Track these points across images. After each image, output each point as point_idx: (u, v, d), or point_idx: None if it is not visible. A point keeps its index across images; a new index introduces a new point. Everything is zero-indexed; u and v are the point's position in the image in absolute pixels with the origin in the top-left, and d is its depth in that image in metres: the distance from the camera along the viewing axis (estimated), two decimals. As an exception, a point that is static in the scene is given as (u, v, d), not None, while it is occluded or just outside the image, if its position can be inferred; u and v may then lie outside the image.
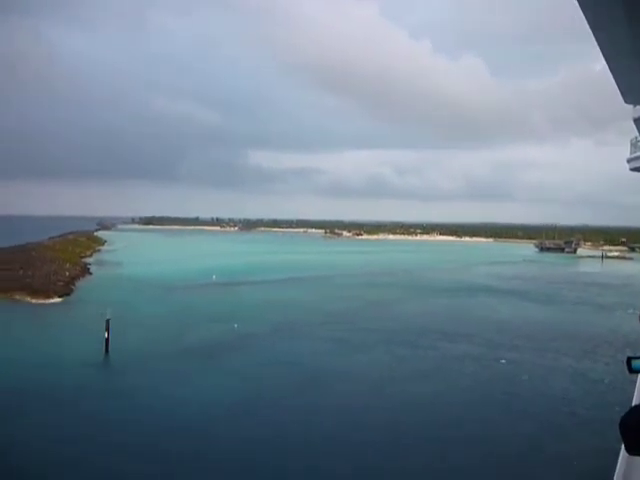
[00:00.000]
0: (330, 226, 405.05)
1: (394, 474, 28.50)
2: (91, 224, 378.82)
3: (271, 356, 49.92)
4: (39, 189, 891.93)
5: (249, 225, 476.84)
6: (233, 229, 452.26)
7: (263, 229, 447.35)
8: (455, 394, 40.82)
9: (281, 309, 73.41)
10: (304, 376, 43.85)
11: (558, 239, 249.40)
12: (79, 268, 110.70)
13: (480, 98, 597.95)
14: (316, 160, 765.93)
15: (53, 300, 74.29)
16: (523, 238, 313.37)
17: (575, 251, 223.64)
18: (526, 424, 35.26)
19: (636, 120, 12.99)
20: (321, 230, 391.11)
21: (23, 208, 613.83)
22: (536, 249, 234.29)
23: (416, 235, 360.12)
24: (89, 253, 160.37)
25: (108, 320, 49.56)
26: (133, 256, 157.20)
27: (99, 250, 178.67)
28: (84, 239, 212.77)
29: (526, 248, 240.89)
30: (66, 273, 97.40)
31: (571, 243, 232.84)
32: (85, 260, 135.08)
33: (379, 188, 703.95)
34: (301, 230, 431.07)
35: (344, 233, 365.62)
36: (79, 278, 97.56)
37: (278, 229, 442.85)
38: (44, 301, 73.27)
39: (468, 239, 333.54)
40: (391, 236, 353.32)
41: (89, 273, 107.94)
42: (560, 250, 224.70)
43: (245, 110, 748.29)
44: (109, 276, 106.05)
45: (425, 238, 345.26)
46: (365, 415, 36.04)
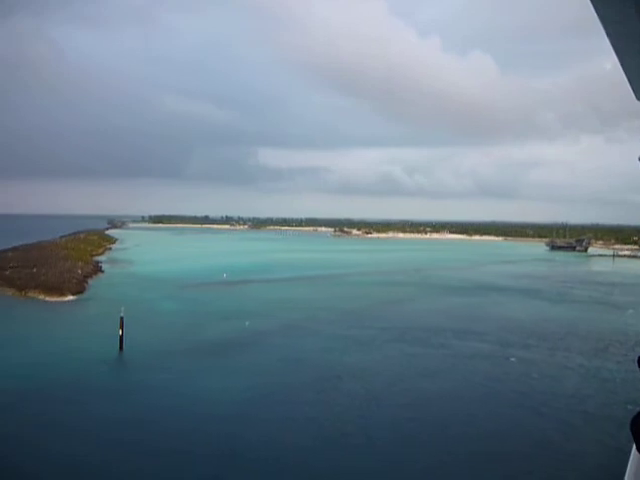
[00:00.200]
0: (339, 224, 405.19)
1: (409, 469, 28.80)
2: (102, 222, 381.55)
3: (283, 353, 50.30)
4: (49, 188, 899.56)
5: (258, 223, 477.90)
6: (243, 227, 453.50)
7: (272, 227, 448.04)
8: (466, 391, 40.95)
9: (292, 307, 73.79)
10: (317, 373, 44.16)
11: (569, 238, 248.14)
12: (91, 266, 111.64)
13: (489, 96, 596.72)
14: (325, 158, 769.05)
15: (67, 298, 75.04)
16: (533, 237, 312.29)
17: (586, 250, 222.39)
18: (536, 421, 35.38)
19: None
20: (330, 228, 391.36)
21: (34, 207, 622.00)
22: (547, 248, 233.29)
23: (426, 233, 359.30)
24: (101, 251, 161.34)
25: (122, 317, 50.06)
26: (144, 254, 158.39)
27: (110, 248, 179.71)
28: (95, 237, 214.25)
29: (537, 247, 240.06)
30: (79, 271, 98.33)
31: (582, 242, 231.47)
32: (97, 258, 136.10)
33: (388, 186, 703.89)
34: (310, 229, 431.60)
35: (354, 231, 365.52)
36: (92, 276, 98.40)
37: (287, 227, 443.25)
38: (58, 299, 74.06)
39: (478, 237, 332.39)
40: (401, 234, 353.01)
41: (101, 271, 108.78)
42: (571, 249, 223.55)
43: (254, 109, 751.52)
44: (121, 274, 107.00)
45: (435, 236, 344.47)
46: (378, 412, 36.31)
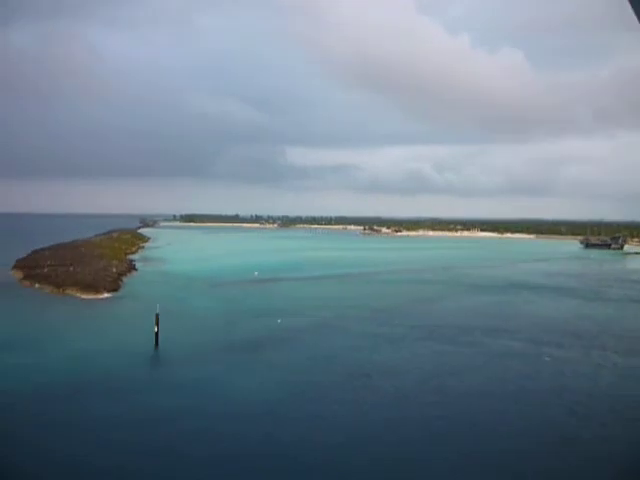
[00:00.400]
0: (368, 223, 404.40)
1: (437, 467, 28.89)
2: (134, 221, 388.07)
3: (314, 351, 50.61)
4: (82, 188, 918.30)
5: (288, 222, 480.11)
6: (272, 226, 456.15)
7: (302, 226, 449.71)
8: (497, 390, 40.59)
9: (322, 305, 74.13)
10: (347, 371, 44.33)
11: (604, 235, 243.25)
12: (125, 264, 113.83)
13: (520, 92, 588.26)
14: (353, 156, 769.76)
15: (103, 295, 76.73)
16: (567, 234, 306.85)
17: (622, 247, 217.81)
18: (570, 421, 35.00)
19: None
20: (360, 227, 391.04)
21: (67, 206, 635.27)
22: (581, 245, 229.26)
23: (456, 231, 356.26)
24: (134, 250, 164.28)
25: (157, 315, 51.03)
26: (176, 253, 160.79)
27: (143, 247, 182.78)
28: (128, 236, 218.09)
29: (570, 244, 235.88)
30: (113, 269, 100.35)
31: (618, 239, 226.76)
32: (130, 257, 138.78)
33: (417, 184, 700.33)
34: (340, 227, 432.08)
35: (383, 229, 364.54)
36: (126, 274, 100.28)
37: (317, 226, 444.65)
38: (94, 296, 75.78)
39: (510, 235, 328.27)
40: (431, 232, 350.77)
41: (135, 269, 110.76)
42: (606, 246, 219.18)
43: (283, 108, 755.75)
44: (154, 272, 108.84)
45: (466, 234, 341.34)
46: (407, 410, 36.31)
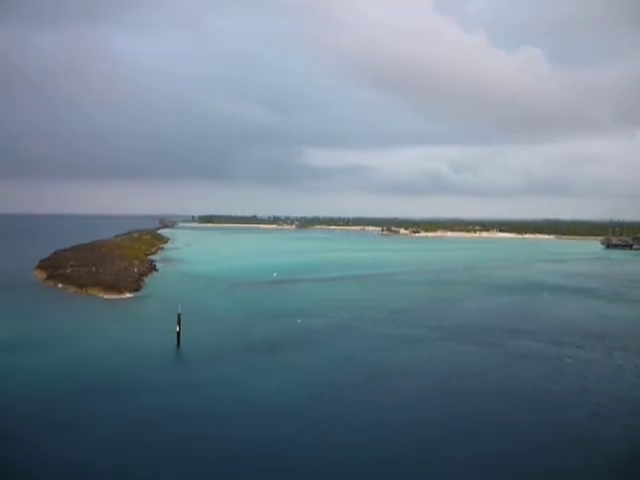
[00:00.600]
0: (386, 223, 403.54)
1: (467, 467, 28.91)
2: (153, 222, 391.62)
3: (334, 351, 50.78)
4: (103, 189, 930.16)
5: (306, 223, 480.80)
6: (290, 227, 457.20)
7: (320, 227, 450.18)
8: (517, 392, 40.28)
9: (341, 306, 74.23)
10: (366, 372, 44.40)
11: (625, 236, 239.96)
12: (146, 265, 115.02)
13: (539, 91, 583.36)
14: (369, 157, 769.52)
15: (125, 295, 77.70)
16: (587, 235, 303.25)
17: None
18: (592, 423, 34.74)
19: None
20: (378, 228, 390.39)
21: (86, 207, 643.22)
22: (602, 246, 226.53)
23: (475, 232, 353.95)
24: (154, 250, 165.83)
25: (179, 315, 51.58)
26: (196, 253, 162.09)
27: (162, 248, 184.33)
28: (148, 237, 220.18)
29: (591, 245, 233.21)
30: (134, 270, 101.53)
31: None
32: (151, 257, 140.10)
33: (434, 185, 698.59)
34: (358, 228, 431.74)
35: (401, 230, 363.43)
36: (147, 275, 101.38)
37: (335, 227, 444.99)
38: (117, 296, 76.77)
39: (529, 236, 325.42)
40: (449, 233, 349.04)
41: (155, 270, 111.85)
42: (628, 247, 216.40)
43: (299, 109, 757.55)
44: (175, 273, 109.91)
45: (485, 235, 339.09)
46: (426, 411, 36.26)
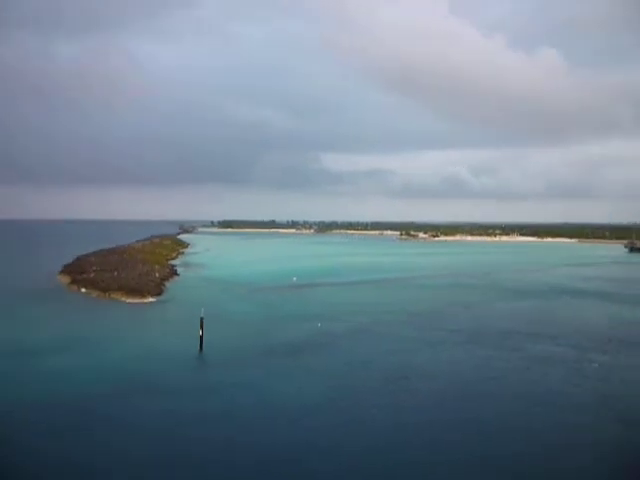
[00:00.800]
0: (405, 228, 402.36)
1: (485, 471, 29.04)
2: (173, 227, 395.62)
3: (355, 354, 51.13)
4: (124, 195, 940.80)
5: (324, 227, 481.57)
6: (309, 231, 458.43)
7: (338, 231, 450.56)
8: (539, 397, 40.10)
9: (362, 310, 74.53)
10: (388, 374, 44.69)
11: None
12: (167, 270, 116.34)
13: (559, 93, 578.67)
14: (387, 161, 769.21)
15: (147, 300, 78.81)
16: (610, 238, 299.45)
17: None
18: (618, 427, 34.52)
19: None
20: (396, 232, 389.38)
21: (105, 213, 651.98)
22: (626, 250, 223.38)
23: (495, 236, 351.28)
24: (174, 255, 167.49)
25: (202, 319, 52.28)
26: (216, 258, 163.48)
27: (183, 253, 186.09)
28: (169, 242, 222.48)
29: (614, 249, 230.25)
30: (156, 274, 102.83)
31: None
32: (172, 262, 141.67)
33: (453, 188, 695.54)
34: (376, 232, 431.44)
35: (420, 235, 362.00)
36: (168, 279, 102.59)
37: (353, 231, 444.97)
38: (139, 300, 77.91)
39: (550, 240, 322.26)
40: (469, 237, 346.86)
41: (176, 274, 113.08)
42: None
43: (316, 114, 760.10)
44: (195, 277, 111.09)
45: (505, 239, 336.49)
46: (446, 416, 36.30)
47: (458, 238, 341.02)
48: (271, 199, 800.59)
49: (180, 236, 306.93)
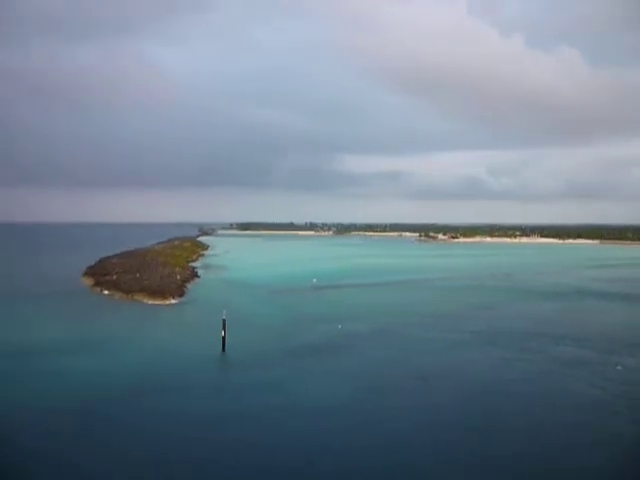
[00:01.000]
0: (424, 229, 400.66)
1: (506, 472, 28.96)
2: (193, 230, 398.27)
3: (375, 356, 51.23)
4: (143, 198, 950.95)
5: (343, 229, 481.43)
6: (327, 233, 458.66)
7: (357, 233, 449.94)
8: (561, 398, 39.81)
9: (382, 311, 74.52)
10: (408, 375, 44.75)
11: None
12: (188, 272, 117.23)
13: (578, 92, 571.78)
14: (405, 163, 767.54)
15: (170, 301, 79.66)
16: (634, 240, 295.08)
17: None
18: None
19: None
20: (415, 234, 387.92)
21: (127, 215, 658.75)
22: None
23: (515, 237, 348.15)
24: (195, 257, 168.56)
25: (224, 320, 52.69)
26: (235, 260, 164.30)
27: (203, 255, 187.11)
28: (189, 244, 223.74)
29: (637, 250, 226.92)
30: (177, 276, 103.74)
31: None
32: (192, 264, 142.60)
33: (473, 190, 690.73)
34: (395, 234, 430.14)
35: (439, 236, 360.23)
36: (189, 281, 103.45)
37: (372, 233, 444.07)
38: (162, 302, 78.78)
39: (572, 241, 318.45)
40: (488, 239, 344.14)
41: (197, 276, 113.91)
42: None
43: (334, 116, 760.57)
44: (216, 279, 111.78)
45: (525, 240, 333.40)
46: (467, 418, 36.20)
47: (478, 240, 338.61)
48: (289, 201, 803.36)
49: (200, 238, 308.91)
